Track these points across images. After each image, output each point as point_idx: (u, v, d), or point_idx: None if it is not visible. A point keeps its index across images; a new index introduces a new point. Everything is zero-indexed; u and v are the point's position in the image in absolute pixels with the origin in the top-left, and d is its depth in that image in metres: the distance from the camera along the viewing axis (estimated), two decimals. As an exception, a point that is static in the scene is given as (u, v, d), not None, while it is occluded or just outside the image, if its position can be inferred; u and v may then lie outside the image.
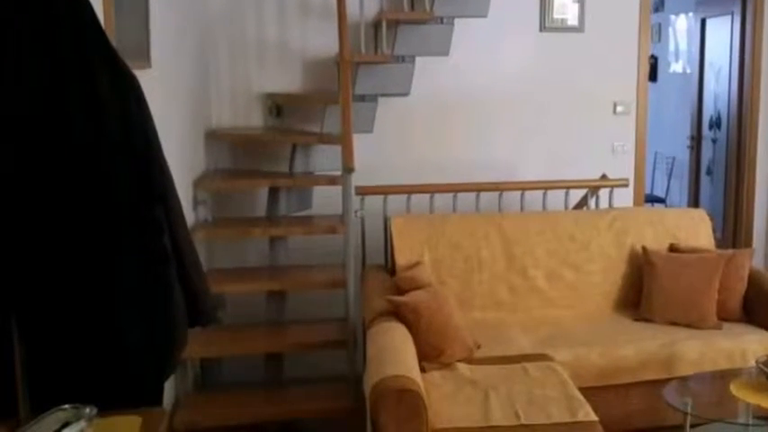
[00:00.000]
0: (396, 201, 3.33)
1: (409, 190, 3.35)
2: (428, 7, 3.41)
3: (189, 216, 2.85)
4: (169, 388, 2.54)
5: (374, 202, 3.28)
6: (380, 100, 3.51)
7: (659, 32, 6.48)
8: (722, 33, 5.10)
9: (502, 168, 3.75)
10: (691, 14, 5.93)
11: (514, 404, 2.20)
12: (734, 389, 2.32)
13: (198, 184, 3.14)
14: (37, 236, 1.41)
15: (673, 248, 3.16)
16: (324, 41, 3.53)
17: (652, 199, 5.77)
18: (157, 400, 1.59)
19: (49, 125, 1.40)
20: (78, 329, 1.45)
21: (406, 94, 3.53)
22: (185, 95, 3.09)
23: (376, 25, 3.54)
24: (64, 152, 1.41)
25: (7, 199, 1.38)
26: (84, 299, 1.45)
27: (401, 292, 2.66)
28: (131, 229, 1.49)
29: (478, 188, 3.43)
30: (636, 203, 3.95)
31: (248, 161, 3.58)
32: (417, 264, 2.95)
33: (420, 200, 3.37)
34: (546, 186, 3.50)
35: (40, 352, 1.43)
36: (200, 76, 3.43)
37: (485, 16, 3.56)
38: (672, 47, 6.44)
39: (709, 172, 5.30)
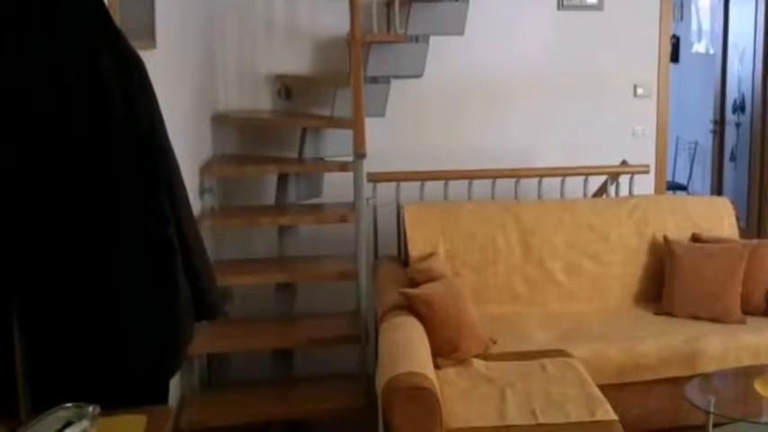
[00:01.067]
0: (409, 188, 3.26)
1: (423, 177, 3.28)
2: (443, -16, 3.30)
3: (195, 204, 2.78)
4: (174, 385, 2.50)
5: (386, 189, 3.21)
6: (393, 83, 3.42)
7: (681, 11, 6.29)
8: (747, 12, 4.94)
9: (518, 154, 3.66)
10: (714, -8, 5.73)
11: (531, 403, 2.15)
12: (759, 386, 2.26)
13: (204, 170, 3.07)
14: (36, 227, 1.36)
15: (695, 238, 3.08)
16: (334, 20, 3.43)
17: (674, 186, 5.63)
18: (162, 398, 1.56)
19: (49, 109, 1.34)
20: (81, 325, 1.41)
21: (419, 76, 3.44)
22: (191, 77, 3.01)
23: (388, 3, 3.43)
24: (64, 137, 1.36)
25: (5, 188, 1.32)
26: (86, 293, 1.40)
27: (414, 284, 2.59)
28: (135, 218, 1.44)
29: (494, 175, 3.36)
30: (657, 191, 3.86)
31: (256, 146, 3.51)
32: (431, 254, 2.89)
33: (434, 187, 3.29)
34: (564, 173, 3.42)
35: (41, 349, 1.39)
36: (207, 57, 3.34)
37: (501, -6, 3.45)
38: (694, 26, 6.26)
39: (732, 158, 5.17)
